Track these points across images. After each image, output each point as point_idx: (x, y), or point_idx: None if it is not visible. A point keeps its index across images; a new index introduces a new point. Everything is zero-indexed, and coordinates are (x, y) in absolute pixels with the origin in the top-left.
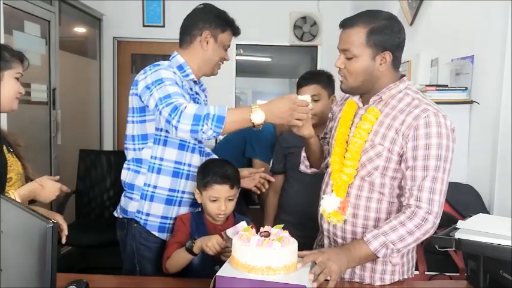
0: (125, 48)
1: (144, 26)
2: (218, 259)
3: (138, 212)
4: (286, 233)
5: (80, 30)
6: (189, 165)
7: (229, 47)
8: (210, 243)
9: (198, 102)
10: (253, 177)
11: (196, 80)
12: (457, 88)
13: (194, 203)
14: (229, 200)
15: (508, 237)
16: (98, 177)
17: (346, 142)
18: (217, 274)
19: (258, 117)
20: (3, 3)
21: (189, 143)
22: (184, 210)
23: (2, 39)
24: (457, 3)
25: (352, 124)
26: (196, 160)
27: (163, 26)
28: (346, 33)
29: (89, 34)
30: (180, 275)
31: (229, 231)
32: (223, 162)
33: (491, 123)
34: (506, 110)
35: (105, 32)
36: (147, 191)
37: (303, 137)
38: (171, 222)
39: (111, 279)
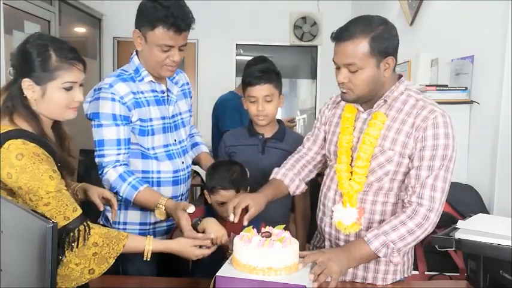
0: (125, 48)
1: None
2: (226, 251)
3: (115, 223)
4: (287, 234)
5: (80, 30)
6: (158, 172)
7: (171, 47)
8: (220, 234)
9: (168, 101)
10: None
11: (153, 80)
12: (457, 88)
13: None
14: None
15: (508, 237)
16: (98, 177)
17: (351, 149)
18: (217, 274)
19: (158, 214)
20: (3, 3)
21: (153, 152)
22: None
23: (2, 39)
24: (457, 3)
25: (354, 129)
26: (166, 166)
27: None
28: (345, 46)
29: (89, 34)
30: (186, 272)
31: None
32: (231, 165)
33: (491, 123)
34: (506, 110)
35: (105, 32)
36: (121, 201)
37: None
38: (151, 227)
39: (111, 279)
